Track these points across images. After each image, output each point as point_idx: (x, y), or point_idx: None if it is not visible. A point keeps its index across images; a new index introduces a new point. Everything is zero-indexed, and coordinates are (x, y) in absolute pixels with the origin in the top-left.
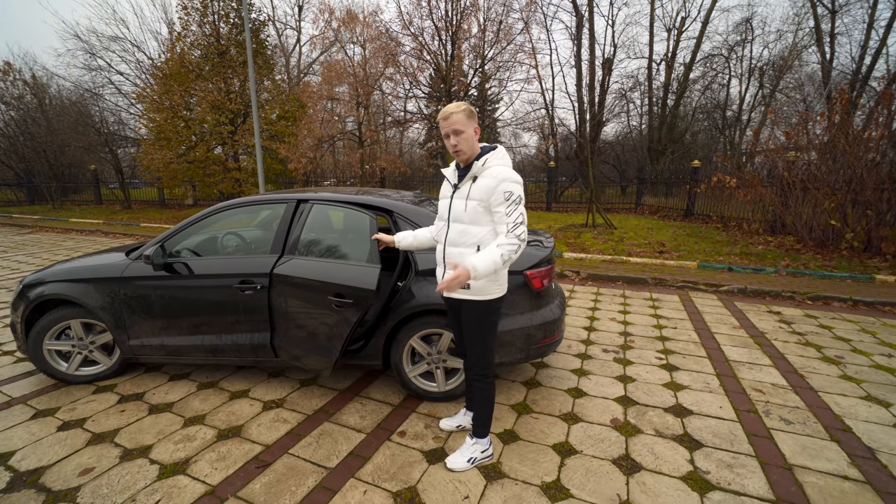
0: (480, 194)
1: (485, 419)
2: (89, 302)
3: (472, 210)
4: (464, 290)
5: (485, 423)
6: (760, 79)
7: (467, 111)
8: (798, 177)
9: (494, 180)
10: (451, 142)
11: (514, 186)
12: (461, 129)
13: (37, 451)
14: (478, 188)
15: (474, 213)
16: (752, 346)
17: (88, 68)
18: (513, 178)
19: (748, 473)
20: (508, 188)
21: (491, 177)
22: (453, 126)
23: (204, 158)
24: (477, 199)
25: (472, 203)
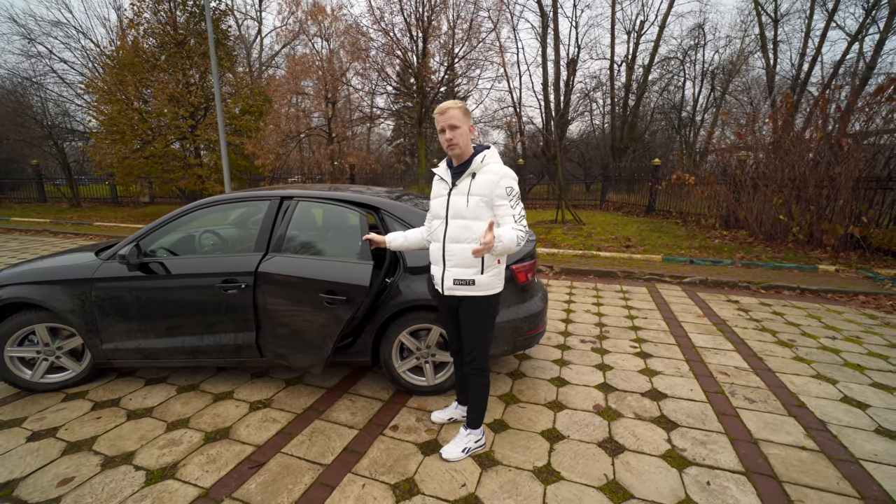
0: (482, 190)
1: (479, 411)
2: (56, 305)
3: (473, 206)
4: (468, 287)
5: (479, 415)
6: (712, 82)
7: (463, 108)
8: (749, 175)
9: (496, 176)
10: (446, 136)
11: (513, 182)
12: (457, 124)
13: (6, 463)
14: (478, 184)
15: (476, 209)
16: (716, 332)
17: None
18: (511, 174)
19: (720, 449)
20: (509, 184)
21: (492, 173)
22: (450, 121)
23: (162, 153)
24: (479, 195)
25: (473, 199)
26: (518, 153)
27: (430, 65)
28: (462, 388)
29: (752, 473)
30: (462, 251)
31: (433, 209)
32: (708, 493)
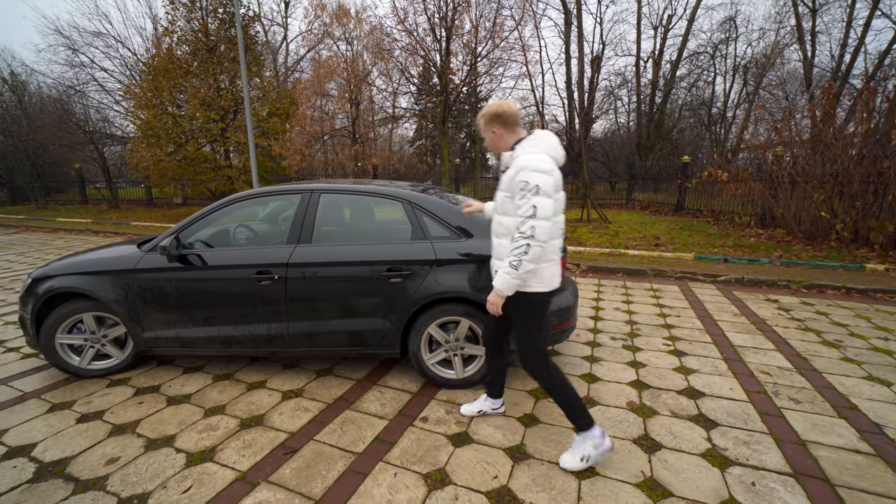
0: (505, 185)
1: (570, 410)
2: (102, 295)
3: (501, 200)
4: None
5: (575, 414)
6: (744, 76)
7: (486, 116)
8: (786, 171)
9: (514, 170)
10: None
11: (530, 175)
12: (483, 134)
13: (58, 442)
14: (505, 178)
15: (503, 204)
16: (755, 332)
17: (71, 64)
18: (532, 165)
19: (764, 449)
20: (524, 177)
21: (513, 167)
22: (480, 131)
23: (194, 156)
24: (504, 190)
25: (501, 194)
26: None
27: (452, 64)
28: (492, 381)
29: (800, 476)
30: (498, 245)
31: None
32: (753, 494)
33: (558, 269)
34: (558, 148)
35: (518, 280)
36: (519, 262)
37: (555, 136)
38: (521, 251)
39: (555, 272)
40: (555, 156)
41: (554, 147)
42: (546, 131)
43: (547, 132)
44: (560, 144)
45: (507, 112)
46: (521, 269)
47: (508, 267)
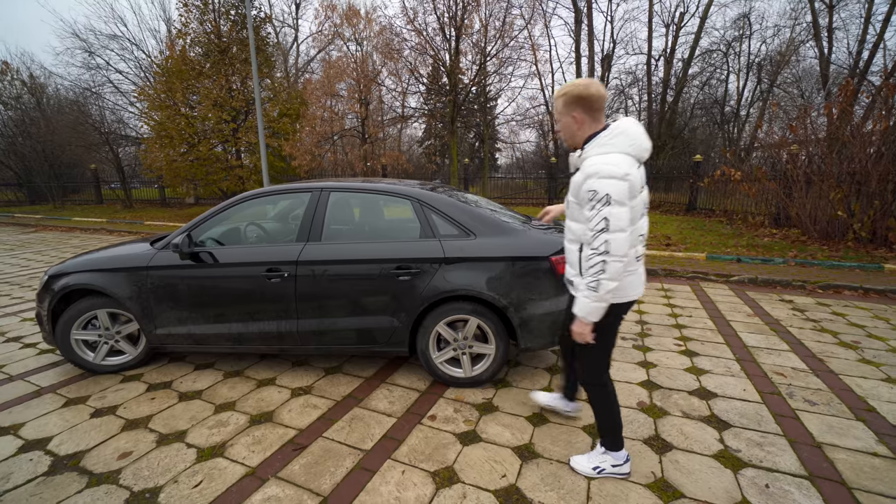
0: (573, 190)
1: (605, 428)
2: (116, 291)
3: (569, 205)
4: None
5: (609, 433)
6: (758, 74)
7: (566, 97)
8: (802, 169)
9: (582, 176)
10: None
11: (599, 184)
12: (558, 116)
13: (73, 436)
14: (573, 182)
15: (571, 209)
16: (769, 332)
17: (87, 67)
18: (602, 171)
19: (778, 451)
20: (592, 186)
21: (582, 171)
22: (555, 113)
23: (206, 156)
24: (572, 196)
25: (569, 198)
26: (551, 151)
27: (461, 63)
28: (567, 384)
29: (816, 478)
30: (567, 251)
31: None
32: (767, 497)
33: (635, 278)
34: (639, 140)
35: (601, 303)
36: (597, 284)
37: (638, 126)
38: (597, 270)
39: (632, 282)
40: (634, 152)
41: (633, 141)
42: (628, 120)
43: (628, 121)
44: (644, 133)
45: (594, 95)
46: (601, 290)
47: (587, 290)
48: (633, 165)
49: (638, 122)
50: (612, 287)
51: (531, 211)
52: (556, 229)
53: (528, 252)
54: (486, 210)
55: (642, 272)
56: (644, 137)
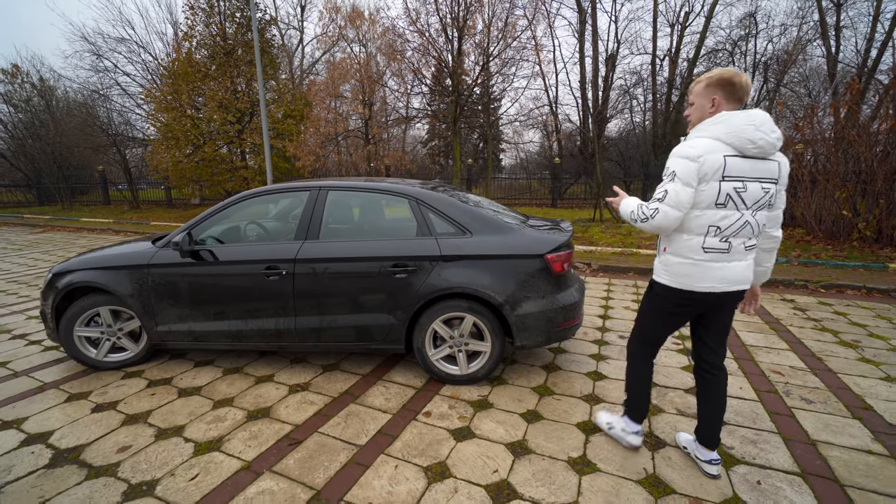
0: None
1: (629, 396)
2: (118, 289)
3: None
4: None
5: (634, 405)
6: (765, 73)
7: (707, 80)
8: (807, 169)
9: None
10: None
11: (674, 161)
12: (693, 99)
13: (74, 430)
14: None
15: None
16: (768, 331)
17: (95, 70)
18: (681, 152)
19: (772, 449)
20: (670, 163)
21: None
22: (690, 95)
23: (211, 157)
24: None
25: None
26: (554, 152)
27: (465, 64)
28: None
29: (808, 475)
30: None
31: None
32: (759, 493)
33: (699, 270)
34: (741, 129)
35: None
36: (638, 215)
37: (745, 115)
38: (641, 214)
39: (688, 272)
40: (728, 138)
41: (730, 128)
42: (741, 112)
43: (739, 113)
44: (755, 124)
45: (740, 83)
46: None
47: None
48: (712, 151)
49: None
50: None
51: (535, 211)
52: (553, 228)
53: (524, 250)
54: (484, 209)
55: (719, 269)
56: (746, 128)
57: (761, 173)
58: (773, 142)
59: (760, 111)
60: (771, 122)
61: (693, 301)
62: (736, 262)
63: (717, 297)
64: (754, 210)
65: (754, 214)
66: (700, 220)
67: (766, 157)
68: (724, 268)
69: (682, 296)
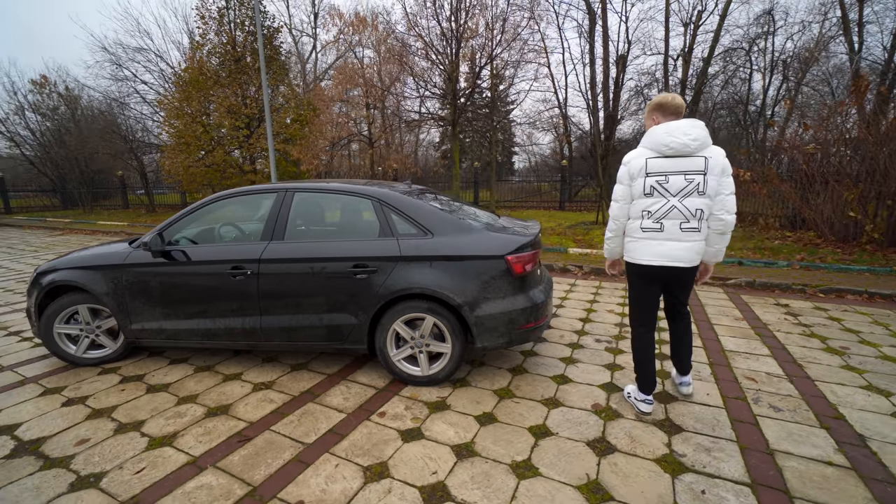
0: None
1: (636, 369)
2: (95, 288)
3: None
4: None
5: (639, 373)
6: (784, 72)
7: (649, 107)
8: (818, 170)
9: None
10: None
11: (622, 167)
12: (645, 122)
13: (41, 423)
14: None
15: None
16: (752, 337)
17: (115, 78)
18: (625, 159)
19: (726, 457)
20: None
21: None
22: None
23: (221, 162)
24: None
25: None
26: (564, 154)
27: (463, 67)
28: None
29: (758, 486)
30: None
31: None
32: (701, 503)
33: (643, 246)
34: (658, 137)
35: (606, 245)
36: (606, 234)
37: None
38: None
39: (635, 248)
40: (650, 145)
41: (651, 138)
42: (665, 124)
43: (663, 125)
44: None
45: (668, 103)
46: (606, 237)
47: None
48: (639, 156)
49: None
50: (609, 236)
51: (541, 214)
52: (517, 230)
53: (484, 251)
54: (450, 211)
55: (656, 245)
56: (668, 136)
57: (684, 167)
58: (685, 142)
59: (682, 121)
60: (686, 128)
61: (644, 273)
62: (672, 242)
63: (660, 270)
64: (681, 197)
65: (682, 200)
66: (636, 207)
67: (689, 154)
68: (661, 245)
69: (635, 268)
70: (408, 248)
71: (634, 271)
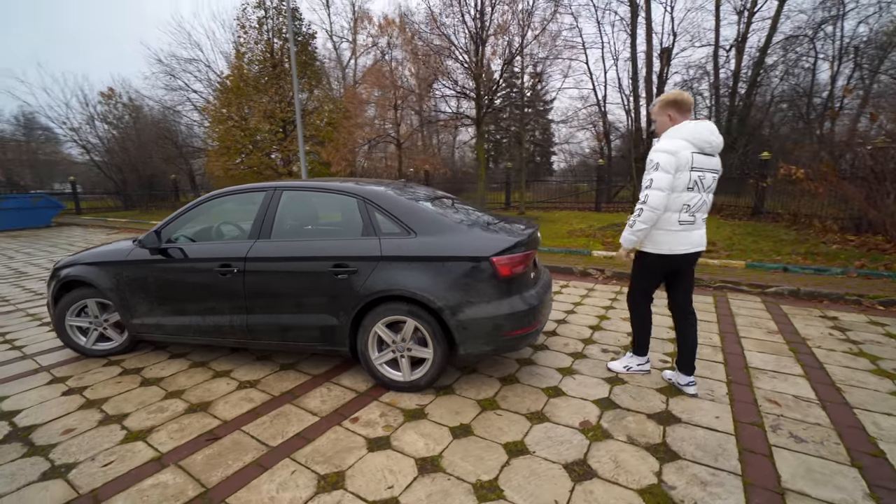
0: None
1: (636, 338)
2: (101, 283)
3: None
4: None
5: (638, 341)
6: (856, 59)
7: (662, 102)
8: (888, 166)
9: (651, 152)
10: None
11: (657, 155)
12: (654, 117)
13: (38, 411)
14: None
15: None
16: (785, 353)
17: (169, 88)
18: (662, 147)
19: (724, 494)
20: (652, 156)
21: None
22: (652, 115)
23: (259, 164)
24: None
25: None
26: (602, 154)
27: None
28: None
29: None
30: None
31: None
32: None
33: (674, 237)
34: (700, 133)
35: (633, 237)
36: (633, 222)
37: (701, 124)
38: (636, 214)
39: (669, 240)
40: (692, 139)
41: (693, 132)
42: (697, 121)
43: (696, 122)
44: (710, 130)
45: (684, 100)
46: (634, 227)
47: (628, 225)
48: (683, 147)
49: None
50: (641, 227)
51: (574, 216)
52: (509, 230)
53: (466, 252)
54: (440, 210)
55: (689, 236)
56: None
57: (713, 166)
58: (720, 143)
59: (709, 122)
60: (715, 129)
61: (670, 262)
62: (699, 231)
63: (687, 256)
64: (708, 192)
65: (709, 195)
66: (677, 201)
67: (714, 153)
68: (692, 234)
69: (662, 259)
70: (389, 247)
71: (658, 262)
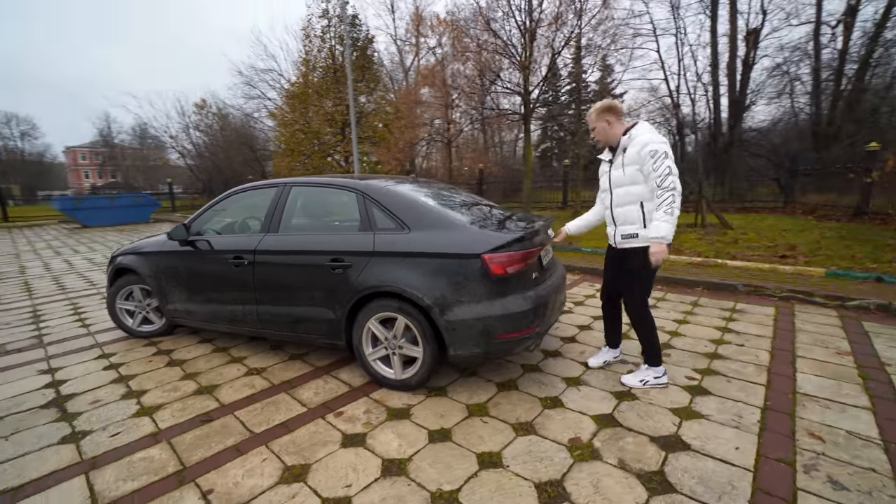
0: (632, 159)
1: (650, 348)
2: (142, 271)
3: (629, 173)
4: (633, 239)
5: (651, 352)
6: None
7: (597, 109)
8: None
9: (638, 146)
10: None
11: (657, 145)
12: (592, 125)
13: (81, 382)
14: (629, 155)
15: (632, 175)
16: (852, 379)
17: (248, 97)
18: (655, 139)
19: None
20: (652, 147)
21: (636, 144)
22: (590, 123)
23: (319, 164)
24: (631, 164)
25: (628, 168)
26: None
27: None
28: (609, 332)
29: None
30: (625, 212)
31: (601, 184)
32: None
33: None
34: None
35: (674, 226)
36: (672, 210)
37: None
38: (669, 201)
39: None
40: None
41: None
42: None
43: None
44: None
45: (616, 106)
46: (675, 214)
47: (665, 215)
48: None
49: None
50: (677, 215)
51: None
52: (507, 226)
53: (457, 249)
54: (438, 204)
55: None
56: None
57: None
58: None
59: None
60: None
61: None
62: None
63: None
64: None
65: None
66: None
67: None
68: None
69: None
70: (382, 243)
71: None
